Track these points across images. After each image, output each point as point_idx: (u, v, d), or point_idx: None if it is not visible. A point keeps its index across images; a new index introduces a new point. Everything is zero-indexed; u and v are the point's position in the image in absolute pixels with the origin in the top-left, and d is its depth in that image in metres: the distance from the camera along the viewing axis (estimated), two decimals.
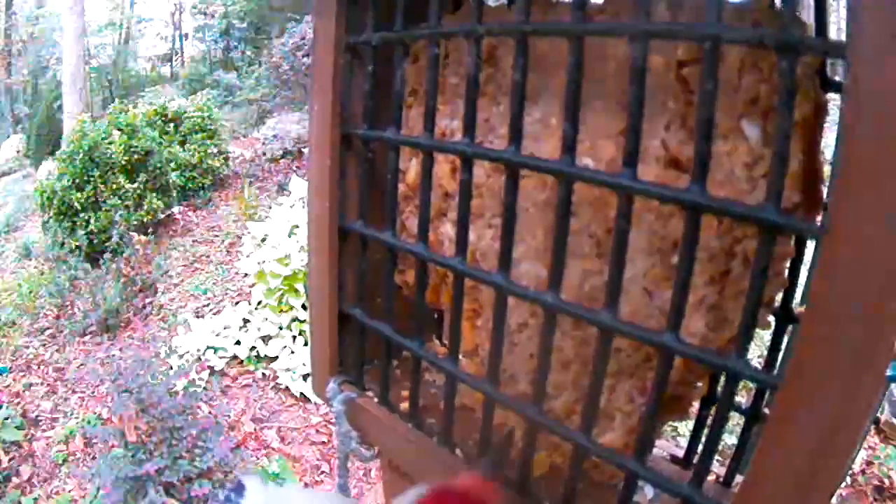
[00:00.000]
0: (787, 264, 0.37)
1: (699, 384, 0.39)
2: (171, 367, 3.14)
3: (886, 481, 2.19)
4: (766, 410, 0.41)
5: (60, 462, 3.14)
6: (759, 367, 0.34)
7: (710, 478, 0.43)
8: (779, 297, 0.41)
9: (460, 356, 0.42)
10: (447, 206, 0.46)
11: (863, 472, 2.23)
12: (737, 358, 0.29)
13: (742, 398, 0.41)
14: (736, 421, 0.44)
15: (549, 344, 0.35)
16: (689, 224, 0.29)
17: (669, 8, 0.36)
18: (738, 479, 0.43)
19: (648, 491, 0.41)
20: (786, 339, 0.43)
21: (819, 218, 0.35)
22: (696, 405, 0.44)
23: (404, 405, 0.48)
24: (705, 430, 0.45)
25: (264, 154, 6.07)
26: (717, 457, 0.34)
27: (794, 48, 0.27)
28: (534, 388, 0.37)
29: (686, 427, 1.86)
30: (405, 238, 0.46)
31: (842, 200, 0.25)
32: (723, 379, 0.31)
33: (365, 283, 0.49)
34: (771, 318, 0.41)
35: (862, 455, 2.24)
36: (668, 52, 0.35)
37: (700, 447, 0.40)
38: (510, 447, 0.41)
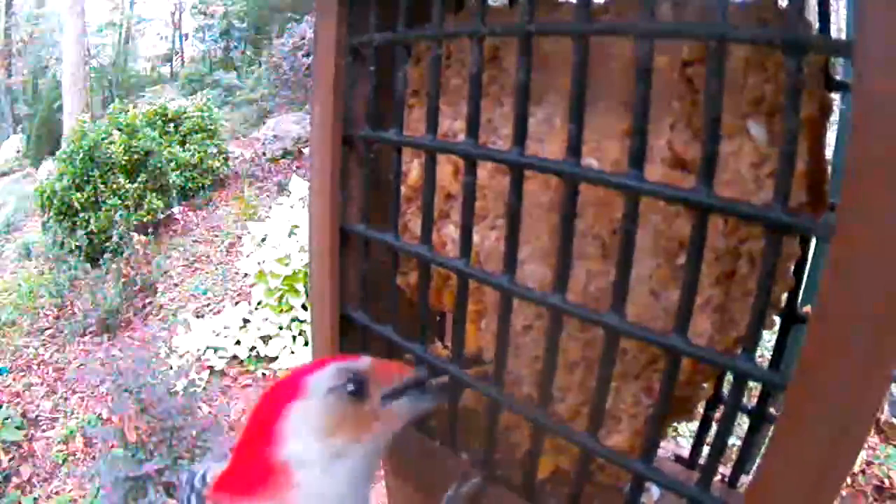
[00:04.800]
0: (793, 264, 0.37)
1: (705, 385, 0.39)
2: (171, 367, 3.14)
3: (886, 481, 2.19)
4: (772, 411, 0.41)
5: (60, 462, 3.14)
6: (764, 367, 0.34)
7: (715, 478, 0.43)
8: (783, 296, 0.41)
9: None
10: (449, 207, 0.45)
11: (863, 472, 2.22)
12: (746, 358, 0.29)
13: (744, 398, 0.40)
14: (738, 421, 0.44)
15: (554, 346, 0.35)
16: (697, 224, 0.29)
17: (673, 7, 0.36)
18: (744, 479, 0.43)
19: (654, 492, 0.41)
20: (790, 339, 0.42)
21: (825, 217, 0.35)
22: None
23: None
24: (710, 431, 0.45)
25: (264, 154, 6.07)
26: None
27: (801, 47, 0.27)
28: (539, 390, 0.37)
29: (686, 427, 1.86)
30: (407, 240, 0.46)
31: (850, 201, 0.25)
32: (731, 379, 0.31)
33: (367, 285, 0.49)
34: (775, 318, 0.41)
35: (862, 455, 2.24)
36: (672, 52, 0.35)
37: (706, 448, 0.39)
38: None
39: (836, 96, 0.38)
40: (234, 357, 3.51)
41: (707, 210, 0.29)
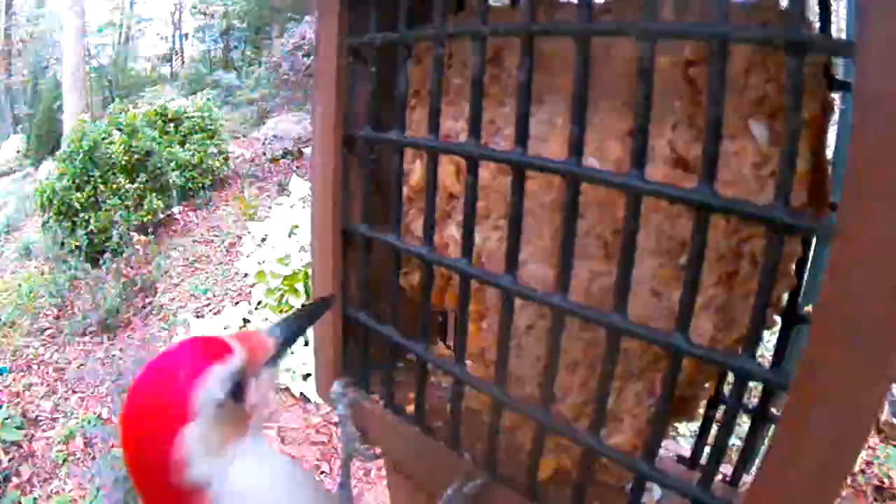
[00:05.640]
0: (794, 264, 0.37)
1: (706, 385, 0.39)
2: None
3: (886, 481, 2.19)
4: (774, 410, 0.41)
5: (60, 462, 3.14)
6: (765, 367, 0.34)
7: (717, 477, 0.43)
8: (784, 296, 0.41)
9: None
10: (451, 207, 0.45)
11: (862, 472, 2.22)
12: (748, 358, 0.29)
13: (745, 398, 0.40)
14: (738, 421, 0.44)
15: (556, 346, 0.35)
16: (699, 224, 0.29)
17: (676, 7, 0.36)
18: (745, 478, 0.43)
19: (656, 492, 0.41)
20: (791, 339, 0.42)
21: (826, 217, 0.35)
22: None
23: (410, 408, 0.48)
24: (712, 431, 0.45)
25: (264, 154, 6.08)
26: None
27: (803, 47, 0.27)
28: (541, 390, 0.37)
29: (686, 427, 1.86)
30: (410, 240, 0.46)
31: (851, 201, 0.25)
32: (732, 379, 0.31)
33: (368, 285, 0.49)
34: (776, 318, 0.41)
35: (862, 455, 2.24)
36: (675, 52, 0.35)
37: (707, 447, 0.40)
38: None
39: (836, 96, 0.38)
40: None
41: (709, 210, 0.29)
